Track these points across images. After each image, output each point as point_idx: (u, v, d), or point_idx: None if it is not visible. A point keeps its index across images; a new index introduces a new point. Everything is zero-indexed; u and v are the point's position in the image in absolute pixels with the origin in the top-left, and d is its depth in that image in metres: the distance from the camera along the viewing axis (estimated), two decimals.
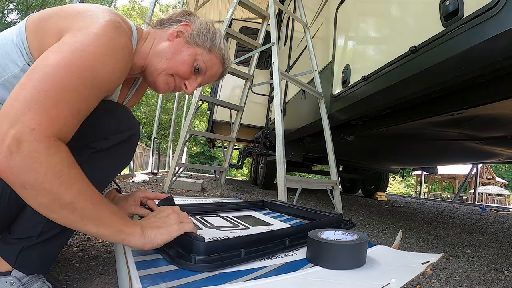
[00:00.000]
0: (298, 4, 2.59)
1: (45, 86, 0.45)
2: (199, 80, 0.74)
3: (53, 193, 0.43)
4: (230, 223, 0.88)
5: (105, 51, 0.52)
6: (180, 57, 0.68)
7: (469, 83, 1.15)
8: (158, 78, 0.69)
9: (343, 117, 2.05)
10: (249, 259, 0.55)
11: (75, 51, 0.49)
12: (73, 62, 0.48)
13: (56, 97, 0.45)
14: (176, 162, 2.43)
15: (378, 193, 4.86)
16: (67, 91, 0.47)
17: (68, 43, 0.50)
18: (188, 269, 0.50)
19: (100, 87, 0.52)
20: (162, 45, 0.69)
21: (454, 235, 1.86)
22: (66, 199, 0.45)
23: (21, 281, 0.57)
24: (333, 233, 0.62)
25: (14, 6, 15.95)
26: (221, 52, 0.74)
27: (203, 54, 0.71)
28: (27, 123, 0.42)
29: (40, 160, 0.42)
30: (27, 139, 0.42)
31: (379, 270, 0.54)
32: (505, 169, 20.35)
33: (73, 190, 0.45)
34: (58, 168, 0.44)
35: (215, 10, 6.81)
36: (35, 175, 0.42)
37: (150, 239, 0.55)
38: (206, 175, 7.29)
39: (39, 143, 0.42)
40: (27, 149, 0.41)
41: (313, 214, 0.98)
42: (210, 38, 0.72)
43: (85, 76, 0.49)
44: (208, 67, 0.73)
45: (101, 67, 0.51)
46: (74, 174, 0.46)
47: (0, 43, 0.56)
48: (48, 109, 0.44)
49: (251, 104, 4.79)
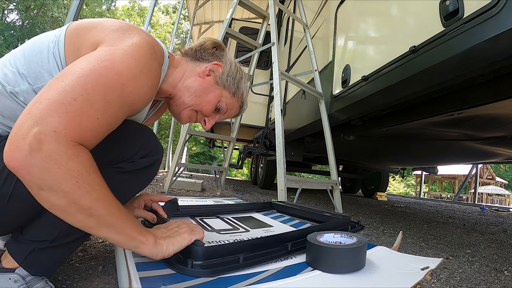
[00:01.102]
0: (298, 4, 2.59)
1: (74, 91, 0.46)
2: (217, 118, 0.78)
3: (70, 197, 0.43)
4: (230, 226, 0.88)
5: (135, 70, 0.53)
6: (207, 97, 0.72)
7: (469, 83, 1.15)
8: (183, 111, 0.72)
9: (343, 117, 2.05)
10: (248, 265, 0.54)
11: (107, 64, 0.50)
12: (103, 74, 0.49)
13: (83, 104, 0.46)
14: (176, 162, 2.43)
15: (378, 193, 4.86)
16: (95, 100, 0.47)
17: (101, 54, 0.51)
18: (185, 274, 0.50)
19: (125, 103, 0.53)
20: (193, 80, 0.71)
21: (454, 235, 1.86)
22: (84, 203, 0.45)
23: (25, 280, 0.57)
24: (332, 236, 0.62)
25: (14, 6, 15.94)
26: (243, 98, 0.79)
27: (227, 96, 0.75)
28: (51, 124, 0.42)
29: (60, 162, 0.42)
30: (49, 140, 0.42)
31: (378, 275, 0.54)
32: (505, 169, 20.34)
33: (91, 196, 0.45)
34: (78, 171, 0.44)
35: (215, 10, 6.81)
36: (54, 176, 0.42)
37: (162, 250, 0.55)
38: (206, 175, 7.29)
39: (60, 145, 0.42)
40: (48, 150, 0.41)
41: (321, 216, 0.97)
42: (236, 83, 0.76)
43: (113, 88, 0.50)
44: (229, 109, 0.77)
45: (130, 82, 0.52)
46: (93, 179, 0.46)
47: (36, 49, 0.57)
48: (73, 114, 0.44)
49: (251, 104, 4.78)
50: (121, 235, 0.50)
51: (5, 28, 15.00)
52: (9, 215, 0.54)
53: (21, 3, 15.65)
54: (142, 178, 0.68)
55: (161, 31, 18.71)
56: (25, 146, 0.41)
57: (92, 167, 0.46)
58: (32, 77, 0.56)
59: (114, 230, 0.49)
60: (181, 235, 0.58)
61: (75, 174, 0.43)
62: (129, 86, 0.52)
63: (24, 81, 0.56)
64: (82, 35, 0.57)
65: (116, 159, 0.60)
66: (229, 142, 2.90)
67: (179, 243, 0.57)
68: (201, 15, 7.03)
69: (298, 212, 1.07)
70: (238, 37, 2.60)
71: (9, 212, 0.54)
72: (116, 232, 0.50)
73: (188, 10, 7.34)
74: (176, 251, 0.56)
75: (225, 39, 4.19)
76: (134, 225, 0.53)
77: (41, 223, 0.56)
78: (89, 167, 0.46)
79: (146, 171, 0.66)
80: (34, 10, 16.05)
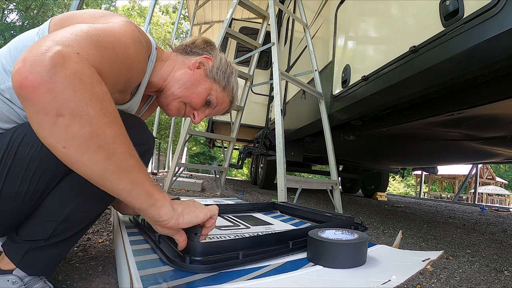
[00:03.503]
0: (298, 4, 2.59)
1: (93, 31, 0.46)
2: (207, 112, 0.77)
3: (95, 124, 0.38)
4: (231, 223, 0.88)
5: (133, 37, 0.54)
6: (197, 88, 0.71)
7: (469, 83, 1.15)
8: (172, 102, 0.72)
9: (343, 117, 2.05)
10: (247, 261, 0.54)
11: (110, 26, 0.51)
12: (109, 31, 0.50)
13: (100, 43, 0.45)
14: (176, 162, 2.43)
15: (378, 193, 4.86)
16: (106, 46, 0.47)
17: (97, 25, 0.51)
18: (184, 270, 0.50)
19: (127, 63, 0.53)
20: (183, 72, 0.71)
21: (454, 235, 1.86)
22: (108, 135, 0.39)
23: (23, 281, 0.57)
24: (334, 232, 0.62)
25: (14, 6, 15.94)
26: (233, 92, 0.79)
27: (217, 90, 0.75)
28: (74, 47, 0.39)
29: (85, 82, 0.38)
30: (74, 59, 0.38)
31: (380, 268, 0.54)
32: (505, 169, 20.34)
33: (115, 126, 0.40)
34: (102, 97, 0.39)
35: (215, 10, 6.81)
36: (80, 97, 0.36)
37: (177, 214, 0.51)
38: (206, 175, 7.29)
39: (85, 67, 0.39)
40: (73, 68, 0.37)
41: (325, 217, 0.97)
42: (227, 77, 0.76)
43: (119, 44, 0.50)
44: (219, 103, 0.77)
45: (131, 46, 0.53)
46: (114, 112, 0.41)
47: (21, 45, 0.57)
48: (93, 45, 0.44)
49: (251, 104, 4.79)
50: (140, 187, 0.45)
51: (5, 28, 15.00)
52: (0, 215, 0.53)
53: (21, 3, 15.66)
54: None
55: (161, 31, 18.71)
56: (47, 59, 0.35)
57: (112, 101, 0.42)
58: None
59: (133, 179, 0.44)
60: (198, 208, 0.56)
61: (100, 99, 0.39)
62: (131, 48, 0.53)
63: (10, 78, 0.54)
64: (68, 21, 0.56)
65: None
66: (229, 142, 2.90)
67: (194, 213, 0.54)
68: (201, 15, 7.04)
69: (302, 213, 1.06)
70: (238, 37, 2.60)
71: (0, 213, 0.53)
72: (135, 183, 0.44)
73: (188, 10, 7.34)
74: (190, 222, 0.53)
75: (225, 39, 4.19)
76: (151, 180, 0.48)
77: (35, 222, 0.56)
78: (111, 99, 0.41)
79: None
80: (34, 10, 16.05)
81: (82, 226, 0.62)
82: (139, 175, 0.45)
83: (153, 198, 0.48)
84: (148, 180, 0.47)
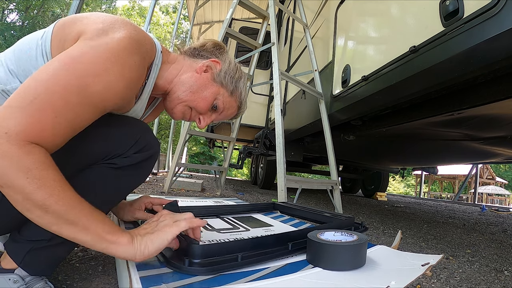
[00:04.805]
0: (298, 4, 2.59)
1: (33, 92, 0.45)
2: (213, 117, 0.75)
3: (24, 192, 0.44)
4: (230, 225, 0.88)
5: (102, 68, 0.50)
6: (203, 93, 0.70)
7: (469, 83, 1.15)
8: (177, 106, 0.70)
9: (343, 117, 2.05)
10: (247, 263, 0.54)
11: (70, 64, 0.48)
12: (63, 71, 0.47)
13: (41, 104, 0.45)
14: (176, 162, 2.43)
15: (378, 193, 4.86)
16: (53, 100, 0.46)
17: (70, 52, 0.50)
18: (183, 273, 0.50)
19: (92, 102, 0.50)
20: (189, 75, 0.69)
21: (454, 235, 1.86)
22: (36, 199, 0.44)
23: (24, 280, 0.57)
24: (333, 234, 0.62)
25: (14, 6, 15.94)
26: (241, 98, 0.76)
27: (224, 95, 0.72)
28: (4, 125, 0.43)
29: (11, 160, 0.43)
30: (1, 141, 0.42)
31: (379, 271, 0.54)
32: (505, 169, 20.34)
33: (42, 191, 0.44)
34: (28, 168, 0.44)
35: (215, 10, 6.81)
36: (7, 173, 0.43)
37: (139, 249, 0.50)
38: (206, 175, 7.29)
39: (11, 145, 0.43)
40: (1, 150, 0.42)
41: (325, 217, 0.97)
42: (235, 81, 0.74)
43: (73, 88, 0.48)
44: (226, 108, 0.74)
45: (94, 81, 0.50)
46: (45, 175, 0.45)
47: (26, 47, 0.57)
48: (30, 113, 0.44)
49: (251, 104, 4.79)
50: (86, 233, 0.47)
51: (5, 28, 15.00)
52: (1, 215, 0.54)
53: (21, 3, 15.66)
54: (138, 173, 0.66)
55: (161, 31, 18.71)
56: None
57: (46, 164, 0.46)
58: (21, 75, 0.56)
59: (77, 228, 0.47)
60: (163, 229, 0.54)
61: (26, 170, 0.43)
62: (95, 85, 0.50)
63: (15, 79, 0.55)
64: (67, 28, 0.56)
65: (109, 155, 0.59)
66: (229, 142, 2.90)
67: (160, 238, 0.52)
68: (201, 15, 7.04)
69: (302, 213, 1.06)
70: (238, 37, 2.60)
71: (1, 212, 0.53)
72: (80, 230, 0.47)
73: (188, 10, 7.34)
74: (159, 249, 0.52)
75: (225, 39, 4.19)
76: (103, 224, 0.49)
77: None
78: (41, 164, 0.45)
79: (142, 166, 0.64)
80: (34, 10, 16.05)
81: None
82: (83, 223, 0.47)
83: (105, 242, 0.49)
84: (96, 224, 0.48)
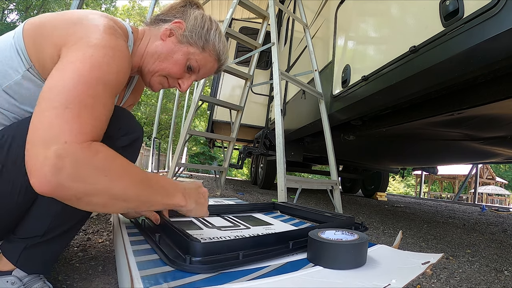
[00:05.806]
0: (298, 4, 2.59)
1: (64, 102, 0.46)
2: (193, 78, 0.74)
3: (107, 192, 0.46)
4: (231, 223, 0.88)
5: (109, 57, 0.53)
6: (172, 58, 0.68)
7: (469, 83, 1.15)
8: (152, 79, 0.70)
9: (343, 117, 2.05)
10: (248, 261, 0.54)
11: (85, 64, 0.50)
12: (86, 73, 0.49)
13: (77, 108, 0.46)
14: (176, 162, 2.43)
15: (378, 193, 4.86)
16: (86, 101, 0.48)
17: (73, 55, 0.51)
18: (184, 271, 0.50)
19: (111, 90, 0.53)
20: (155, 45, 0.69)
21: (454, 235, 1.86)
22: (118, 191, 0.48)
23: (22, 281, 0.57)
24: (334, 233, 0.62)
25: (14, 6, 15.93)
26: (215, 49, 0.73)
27: (195, 53, 0.70)
28: (58, 139, 0.43)
29: (84, 166, 0.44)
30: (66, 153, 0.43)
31: (380, 270, 0.54)
32: (505, 169, 20.34)
33: (123, 181, 0.48)
34: (103, 166, 0.46)
35: (215, 10, 6.80)
36: (86, 181, 0.44)
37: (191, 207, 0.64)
38: (206, 175, 7.29)
39: (77, 152, 0.44)
40: (70, 161, 0.43)
41: (325, 217, 0.96)
42: (203, 36, 0.71)
43: (98, 83, 0.50)
44: (201, 65, 0.72)
45: (109, 72, 0.52)
46: (120, 165, 0.49)
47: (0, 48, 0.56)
48: (71, 120, 0.45)
49: (251, 104, 4.79)
50: (159, 205, 0.58)
51: (5, 28, 14.99)
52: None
53: (21, 3, 15.65)
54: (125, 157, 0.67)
55: None
56: (51, 168, 0.42)
57: (113, 154, 0.49)
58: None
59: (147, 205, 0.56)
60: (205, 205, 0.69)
61: (102, 169, 0.46)
62: (111, 73, 0.52)
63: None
64: (41, 28, 0.55)
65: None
66: (229, 142, 2.90)
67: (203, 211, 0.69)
68: None
69: (302, 213, 1.06)
70: (238, 37, 2.60)
71: None
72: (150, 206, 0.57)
73: None
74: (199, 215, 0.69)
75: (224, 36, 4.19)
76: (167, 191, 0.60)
77: (29, 219, 0.56)
78: (110, 156, 0.48)
79: (127, 149, 0.64)
80: (34, 10, 16.04)
81: (76, 220, 0.62)
82: (155, 196, 0.57)
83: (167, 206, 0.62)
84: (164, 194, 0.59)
